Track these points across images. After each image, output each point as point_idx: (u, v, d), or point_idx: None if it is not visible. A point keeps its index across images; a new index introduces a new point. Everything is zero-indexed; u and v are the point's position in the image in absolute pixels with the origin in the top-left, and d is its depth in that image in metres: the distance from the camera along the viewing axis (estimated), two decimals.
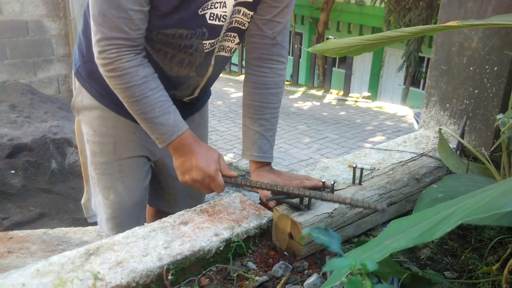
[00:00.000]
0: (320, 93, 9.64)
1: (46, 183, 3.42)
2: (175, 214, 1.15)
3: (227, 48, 1.27)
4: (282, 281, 0.98)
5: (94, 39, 1.06)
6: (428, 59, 13.23)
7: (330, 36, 14.34)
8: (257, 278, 0.99)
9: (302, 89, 9.92)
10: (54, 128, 3.79)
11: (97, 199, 1.48)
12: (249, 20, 1.21)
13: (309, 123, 7.18)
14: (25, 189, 3.30)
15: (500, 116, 1.19)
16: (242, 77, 11.10)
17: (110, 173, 1.38)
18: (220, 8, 1.12)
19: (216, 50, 1.24)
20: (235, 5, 1.14)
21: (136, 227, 1.08)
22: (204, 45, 1.18)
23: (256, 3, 1.18)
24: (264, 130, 1.27)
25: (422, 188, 1.38)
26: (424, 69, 13.66)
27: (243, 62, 13.04)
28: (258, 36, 1.23)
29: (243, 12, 1.18)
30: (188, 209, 1.17)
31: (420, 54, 11.83)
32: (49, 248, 2.26)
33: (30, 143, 3.54)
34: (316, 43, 8.90)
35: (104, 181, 1.40)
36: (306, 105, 8.66)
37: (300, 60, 10.71)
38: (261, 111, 1.27)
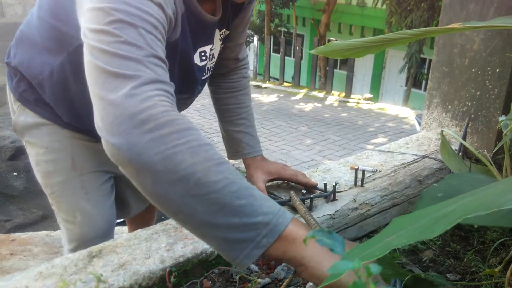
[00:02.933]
0: (321, 94, 9.64)
1: None
2: None
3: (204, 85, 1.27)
4: (285, 283, 0.98)
5: (122, 87, 0.65)
6: (430, 60, 13.23)
7: (331, 38, 14.37)
8: (259, 280, 0.99)
9: (303, 91, 9.92)
10: None
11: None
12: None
13: (311, 124, 7.18)
14: (28, 191, 3.31)
15: (502, 118, 1.19)
16: None
17: (72, 193, 1.19)
18: (210, 61, 1.13)
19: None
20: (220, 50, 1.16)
21: (139, 229, 1.08)
22: (195, 97, 1.22)
23: (228, 35, 1.18)
24: (245, 127, 1.30)
25: (424, 189, 1.39)
26: (425, 71, 13.64)
27: None
28: (223, 59, 1.26)
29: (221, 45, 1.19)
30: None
31: (421, 56, 11.82)
32: (51, 250, 2.26)
33: None
34: (318, 45, 8.91)
35: (66, 204, 1.21)
36: (308, 106, 8.66)
37: (302, 61, 10.72)
38: (238, 112, 1.30)
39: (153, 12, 0.72)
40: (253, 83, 10.74)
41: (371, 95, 9.52)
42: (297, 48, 10.27)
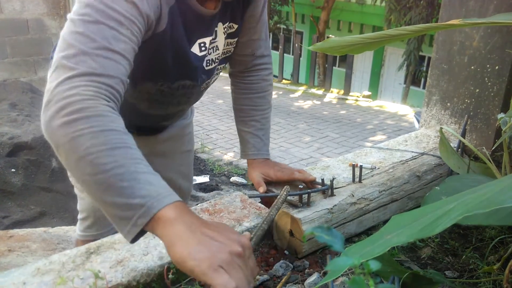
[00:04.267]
0: (320, 92, 9.63)
1: (47, 181, 3.42)
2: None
3: (217, 76, 1.30)
4: (283, 280, 0.98)
5: (60, 77, 0.75)
6: (429, 58, 13.22)
7: (330, 35, 14.35)
8: (258, 277, 0.98)
9: (302, 88, 9.91)
10: None
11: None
12: (234, 45, 1.24)
13: (310, 122, 7.18)
14: (26, 187, 3.30)
15: (501, 115, 1.19)
16: None
17: None
18: (214, 52, 1.15)
19: (210, 83, 1.28)
20: (224, 43, 1.17)
21: None
22: (201, 86, 1.22)
23: (238, 29, 1.21)
24: (255, 130, 1.31)
25: (424, 185, 1.38)
26: (424, 68, 13.64)
27: None
28: (238, 55, 1.28)
29: (229, 42, 1.21)
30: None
31: (420, 53, 11.81)
32: (49, 247, 2.26)
33: (30, 142, 3.54)
34: (317, 42, 8.89)
35: None
36: (307, 104, 8.66)
37: (301, 59, 10.71)
38: (251, 114, 1.32)
39: (122, 9, 0.80)
40: None
41: (370, 93, 9.51)
42: (296, 45, 10.25)
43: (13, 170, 3.34)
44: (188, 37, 1.04)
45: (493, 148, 1.45)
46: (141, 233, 0.71)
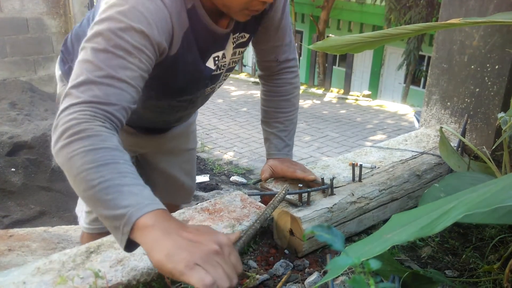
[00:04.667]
0: (320, 91, 9.63)
1: (47, 181, 3.42)
2: (176, 212, 1.15)
3: (223, 82, 1.34)
4: (283, 279, 0.98)
5: (65, 104, 0.82)
6: (428, 57, 13.21)
7: (330, 35, 14.33)
8: (257, 276, 0.98)
9: (302, 88, 9.90)
10: None
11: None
12: (242, 54, 1.26)
13: (310, 121, 7.18)
14: (26, 187, 3.30)
15: (501, 114, 1.18)
16: (242, 76, 11.09)
17: None
18: (221, 60, 1.17)
19: (216, 88, 1.32)
20: (232, 52, 1.19)
21: None
22: (206, 91, 1.25)
23: (249, 39, 1.23)
24: (278, 131, 1.34)
25: (424, 184, 1.38)
26: (424, 68, 13.63)
27: (244, 61, 13.04)
28: (263, 61, 1.33)
29: (238, 51, 1.23)
30: (189, 207, 1.17)
31: (420, 53, 11.80)
32: (49, 246, 2.26)
33: (30, 141, 3.54)
34: (317, 41, 8.89)
35: None
36: (307, 103, 8.65)
37: (301, 58, 10.71)
38: (275, 115, 1.35)
39: (130, 39, 0.84)
40: (252, 79, 10.73)
41: (369, 92, 9.51)
42: (296, 44, 10.24)
43: (13, 169, 3.34)
44: (203, 54, 1.09)
45: (493, 148, 1.45)
46: (133, 242, 0.74)
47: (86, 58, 0.84)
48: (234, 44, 1.18)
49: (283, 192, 1.09)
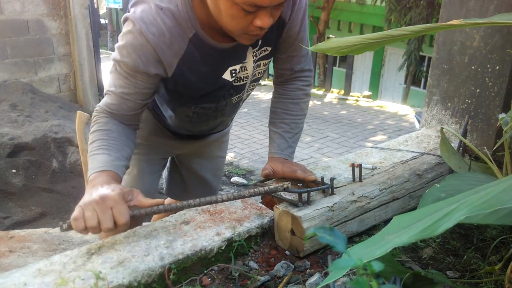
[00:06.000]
0: (321, 92, 9.63)
1: (47, 182, 3.42)
2: (177, 213, 1.15)
3: (251, 91, 1.42)
4: (284, 280, 0.98)
5: (106, 97, 1.20)
6: (429, 58, 13.21)
7: (330, 36, 14.34)
8: (259, 277, 0.98)
9: None
10: (55, 127, 3.79)
11: None
12: (268, 64, 1.34)
13: (310, 122, 7.18)
14: (26, 188, 3.30)
15: (502, 115, 1.18)
16: None
17: (139, 153, 1.53)
18: (242, 72, 1.24)
19: (244, 97, 1.40)
20: (254, 65, 1.26)
21: (137, 227, 1.08)
22: (232, 100, 1.34)
23: (273, 51, 1.28)
24: (283, 131, 1.38)
25: (425, 184, 1.38)
26: (424, 68, 13.64)
27: None
28: (278, 68, 1.38)
29: (263, 63, 1.29)
30: (190, 208, 1.17)
31: (420, 53, 11.81)
32: (50, 248, 2.26)
33: (31, 142, 3.54)
34: (317, 42, 8.89)
35: (132, 159, 1.52)
36: None
37: None
38: (281, 117, 1.39)
39: (125, 67, 1.11)
40: None
41: (370, 93, 9.51)
42: None
43: (13, 171, 3.34)
44: (214, 66, 1.19)
45: (494, 148, 1.45)
46: None
47: (110, 74, 1.17)
48: (256, 58, 1.24)
49: (280, 186, 1.10)
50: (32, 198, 3.28)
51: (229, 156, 5.43)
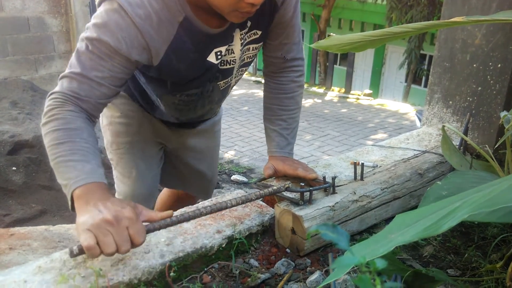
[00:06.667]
0: (321, 90, 9.63)
1: (48, 180, 3.42)
2: (177, 211, 1.14)
3: (240, 76, 1.37)
4: (285, 278, 0.98)
5: (52, 90, 1.03)
6: (430, 56, 13.20)
7: (331, 33, 14.32)
8: (259, 275, 0.98)
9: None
10: None
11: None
12: (258, 50, 1.29)
13: (311, 120, 7.18)
14: (27, 185, 3.30)
15: (504, 113, 1.18)
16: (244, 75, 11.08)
17: (134, 152, 1.49)
18: (228, 55, 1.19)
19: (232, 83, 1.35)
20: (242, 48, 1.21)
21: None
22: (219, 85, 1.30)
23: (263, 36, 1.24)
24: (281, 129, 1.35)
25: (426, 183, 1.38)
26: (425, 67, 13.61)
27: None
28: (269, 56, 1.33)
29: (252, 47, 1.25)
30: (190, 205, 1.17)
31: (421, 52, 11.79)
32: (50, 245, 2.26)
33: (31, 140, 3.54)
34: (318, 40, 8.90)
35: (127, 160, 1.50)
36: (308, 102, 8.65)
37: None
38: (278, 113, 1.36)
39: (103, 47, 0.98)
40: (253, 78, 10.73)
41: (371, 91, 9.50)
42: None
43: (14, 168, 3.34)
44: (201, 51, 1.13)
45: (495, 146, 1.45)
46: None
47: (74, 55, 1.02)
48: (245, 41, 1.19)
49: (282, 186, 1.10)
50: (32, 196, 3.28)
51: (230, 154, 5.43)
